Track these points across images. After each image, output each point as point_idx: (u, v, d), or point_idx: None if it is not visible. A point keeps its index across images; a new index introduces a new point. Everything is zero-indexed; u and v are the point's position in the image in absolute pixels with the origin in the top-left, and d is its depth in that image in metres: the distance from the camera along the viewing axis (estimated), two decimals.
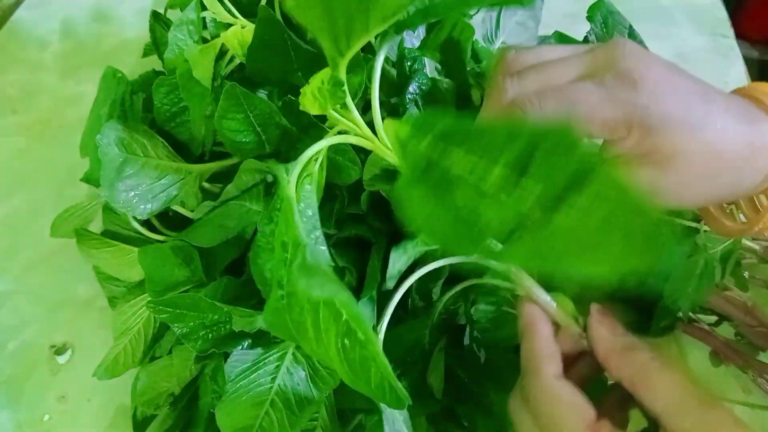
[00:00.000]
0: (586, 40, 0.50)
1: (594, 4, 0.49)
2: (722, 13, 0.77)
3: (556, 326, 0.32)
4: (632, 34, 0.50)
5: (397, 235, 0.43)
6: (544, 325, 0.31)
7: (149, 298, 0.44)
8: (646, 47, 0.47)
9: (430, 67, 0.47)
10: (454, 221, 0.24)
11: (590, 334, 0.31)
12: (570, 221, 0.22)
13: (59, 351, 0.53)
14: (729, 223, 0.36)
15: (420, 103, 0.43)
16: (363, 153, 0.42)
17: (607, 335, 0.30)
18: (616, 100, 0.27)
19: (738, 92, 0.32)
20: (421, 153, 0.25)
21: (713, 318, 0.48)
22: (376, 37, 0.50)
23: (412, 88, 0.43)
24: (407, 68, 0.43)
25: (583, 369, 0.32)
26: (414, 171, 0.25)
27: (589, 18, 0.49)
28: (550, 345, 0.31)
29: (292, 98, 0.43)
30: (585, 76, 0.28)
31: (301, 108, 0.32)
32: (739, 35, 0.74)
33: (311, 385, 0.39)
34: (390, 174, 0.41)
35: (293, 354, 0.40)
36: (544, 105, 0.28)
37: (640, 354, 0.28)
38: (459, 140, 0.24)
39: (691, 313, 0.48)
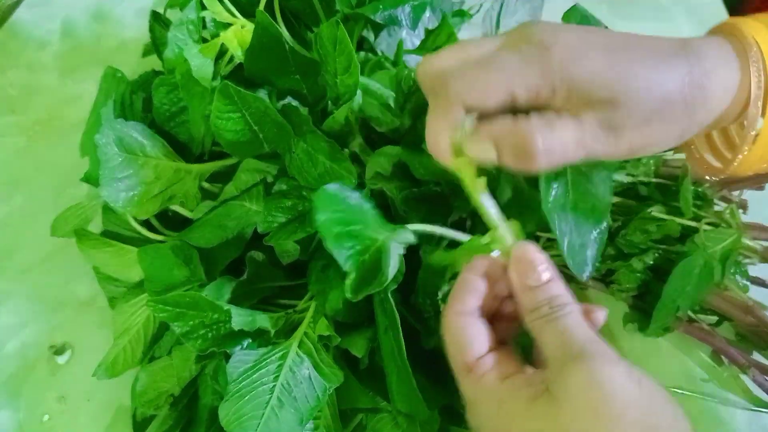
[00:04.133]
0: None
1: (568, 11, 0.50)
2: (722, 13, 0.77)
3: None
4: None
5: None
6: (480, 260, 0.31)
7: (149, 298, 0.44)
8: None
9: None
10: None
11: (509, 270, 0.30)
12: None
13: (59, 351, 0.53)
14: (712, 161, 0.36)
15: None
16: (357, 164, 0.43)
17: (519, 276, 0.29)
18: (533, 62, 0.27)
19: (715, 31, 0.33)
20: None
21: (713, 318, 0.48)
22: (371, 31, 0.51)
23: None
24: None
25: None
26: None
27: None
28: (472, 281, 0.30)
29: (292, 104, 0.43)
30: (500, 48, 0.29)
31: None
32: None
33: (314, 383, 0.39)
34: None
35: (296, 353, 0.40)
36: (469, 79, 0.28)
37: (545, 300, 0.28)
38: None
39: (691, 313, 0.48)
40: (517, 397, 0.27)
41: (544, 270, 0.29)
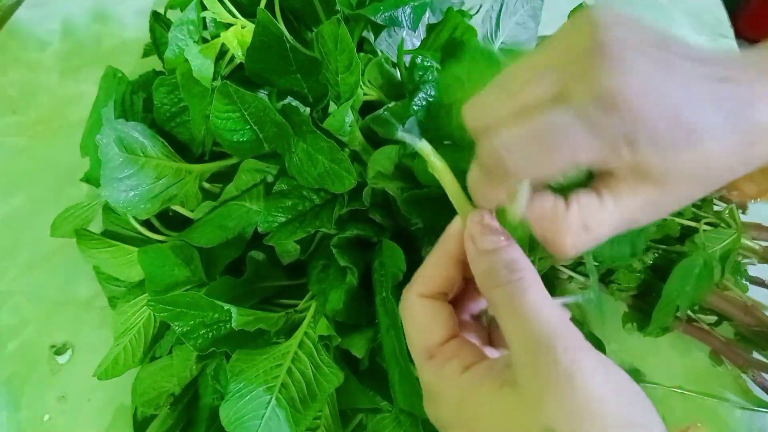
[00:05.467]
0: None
1: (573, 10, 0.50)
2: (722, 13, 0.77)
3: None
4: None
5: (401, 233, 0.43)
6: (447, 240, 0.29)
7: (149, 298, 0.44)
8: None
9: None
10: None
11: (464, 237, 0.27)
12: None
13: (59, 351, 0.53)
14: (747, 187, 0.36)
15: (423, 114, 0.43)
16: (358, 163, 0.43)
17: (474, 240, 0.27)
18: (601, 132, 0.23)
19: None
20: None
21: (713, 318, 0.48)
22: (371, 32, 0.51)
23: (419, 98, 0.42)
24: (417, 77, 0.43)
25: None
26: None
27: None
28: (438, 263, 0.29)
29: (292, 104, 0.43)
30: (559, 96, 0.24)
31: None
32: (739, 35, 0.74)
33: (315, 383, 0.39)
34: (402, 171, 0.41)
35: (296, 353, 0.40)
36: (529, 155, 0.25)
37: (502, 263, 0.26)
38: None
39: (691, 313, 0.48)
40: (480, 389, 0.26)
41: (501, 234, 0.26)
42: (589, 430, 0.23)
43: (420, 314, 0.28)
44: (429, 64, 0.43)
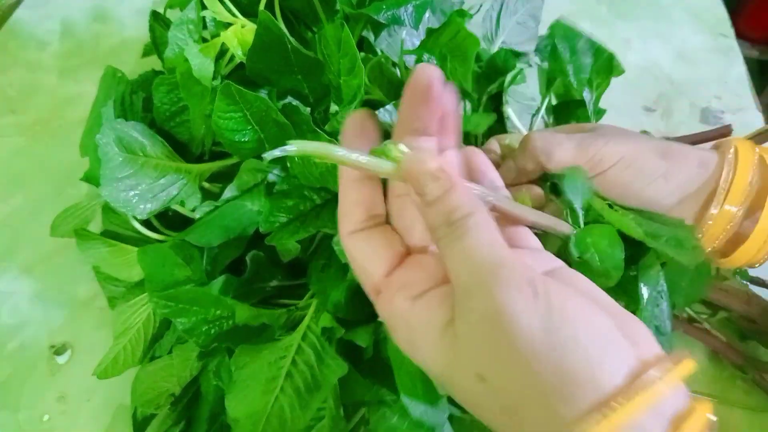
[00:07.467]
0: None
1: (553, 24, 0.51)
2: (722, 13, 0.77)
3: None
4: (591, 43, 0.51)
5: None
6: (347, 169, 0.27)
7: (150, 295, 0.44)
8: (613, 56, 0.50)
9: None
10: None
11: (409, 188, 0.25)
12: None
13: (59, 351, 0.53)
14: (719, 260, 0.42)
15: None
16: None
17: (416, 192, 0.24)
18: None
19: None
20: None
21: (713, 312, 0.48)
22: (371, 31, 0.51)
23: None
24: None
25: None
26: None
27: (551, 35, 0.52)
28: (349, 193, 0.27)
29: (294, 104, 0.43)
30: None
31: None
32: (739, 35, 0.74)
33: (319, 375, 0.39)
34: None
35: (299, 345, 0.40)
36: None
37: (444, 214, 0.23)
38: None
39: (692, 312, 0.48)
40: (426, 325, 0.24)
41: (441, 178, 0.24)
42: (521, 382, 0.21)
43: (356, 252, 0.27)
44: (433, 65, 0.43)
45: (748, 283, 0.48)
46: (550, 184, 0.39)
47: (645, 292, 0.38)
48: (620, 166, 0.37)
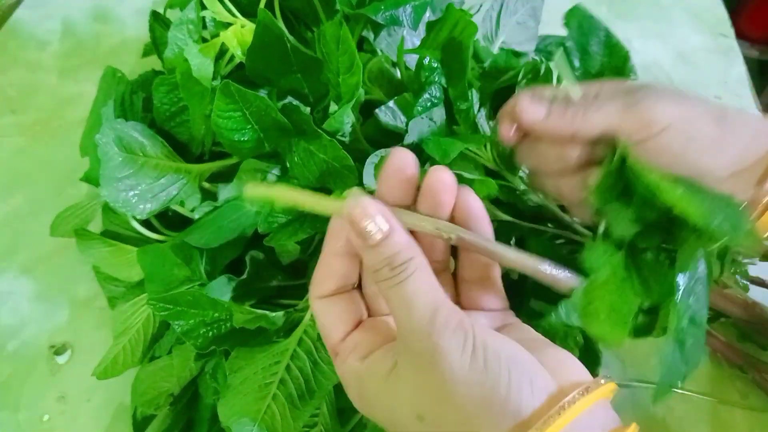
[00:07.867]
0: (562, 44, 0.50)
1: (569, 11, 0.49)
2: (722, 13, 0.77)
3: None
4: (609, 37, 0.50)
5: None
6: (331, 239, 0.28)
7: (149, 297, 0.44)
8: (623, 47, 0.48)
9: None
10: None
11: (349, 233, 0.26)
12: None
13: (59, 351, 0.53)
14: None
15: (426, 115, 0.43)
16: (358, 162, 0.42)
17: (356, 238, 0.26)
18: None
19: None
20: None
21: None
22: (371, 31, 0.51)
23: (424, 99, 0.42)
24: (423, 77, 0.43)
25: None
26: None
27: (566, 24, 0.49)
28: (328, 263, 0.29)
29: (294, 104, 0.43)
30: None
31: None
32: (739, 35, 0.74)
33: (314, 381, 0.39)
34: None
35: (295, 350, 0.40)
36: None
37: (384, 260, 0.25)
38: None
39: None
40: (373, 375, 0.26)
41: (379, 223, 0.25)
42: (453, 417, 0.23)
43: (321, 316, 0.29)
44: (435, 65, 0.43)
45: (749, 282, 0.48)
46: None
47: (682, 281, 0.33)
48: (672, 132, 0.32)
